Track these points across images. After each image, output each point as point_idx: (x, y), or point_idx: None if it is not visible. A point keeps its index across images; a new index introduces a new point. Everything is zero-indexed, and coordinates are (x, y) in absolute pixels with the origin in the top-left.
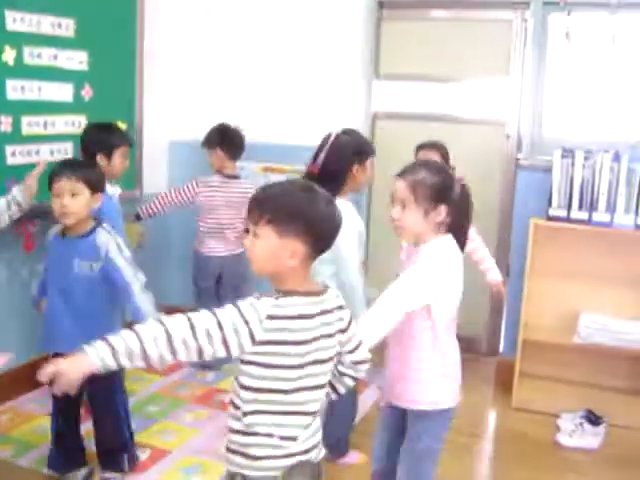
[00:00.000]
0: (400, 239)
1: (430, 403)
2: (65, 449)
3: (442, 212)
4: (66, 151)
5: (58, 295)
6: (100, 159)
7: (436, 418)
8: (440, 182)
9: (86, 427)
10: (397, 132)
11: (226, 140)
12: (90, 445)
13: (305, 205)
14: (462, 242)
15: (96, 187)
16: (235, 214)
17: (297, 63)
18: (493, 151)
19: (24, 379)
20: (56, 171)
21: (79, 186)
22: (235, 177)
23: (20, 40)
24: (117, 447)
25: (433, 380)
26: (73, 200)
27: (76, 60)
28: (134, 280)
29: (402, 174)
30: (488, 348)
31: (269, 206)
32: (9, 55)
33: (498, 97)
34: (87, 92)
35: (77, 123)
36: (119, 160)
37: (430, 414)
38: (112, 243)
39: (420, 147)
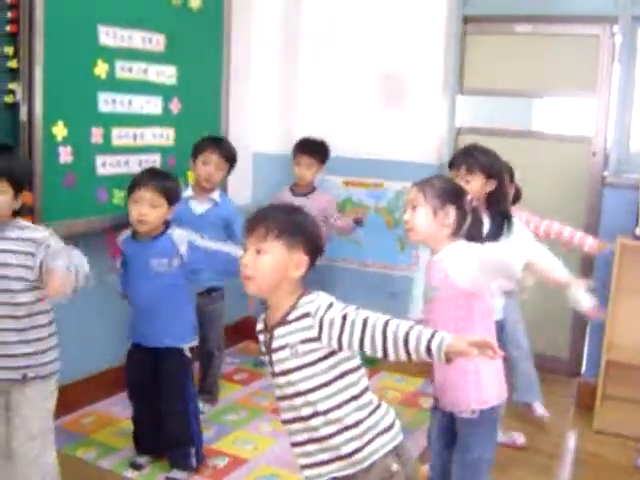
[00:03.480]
0: (410, 242)
1: (483, 402)
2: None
3: (450, 213)
4: (154, 162)
5: (139, 294)
6: (192, 164)
7: (486, 421)
8: (449, 186)
9: None
10: (488, 147)
11: None
12: None
13: (306, 219)
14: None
15: (173, 199)
16: None
17: (381, 77)
18: (578, 168)
19: (107, 383)
20: (140, 180)
21: (159, 199)
22: None
23: (112, 54)
24: (187, 440)
25: (481, 375)
26: (152, 210)
27: (165, 74)
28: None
29: (414, 183)
30: (570, 368)
31: (276, 221)
32: (101, 69)
33: (584, 113)
34: (175, 105)
35: (165, 135)
36: (199, 166)
37: (480, 418)
38: (192, 235)
39: None
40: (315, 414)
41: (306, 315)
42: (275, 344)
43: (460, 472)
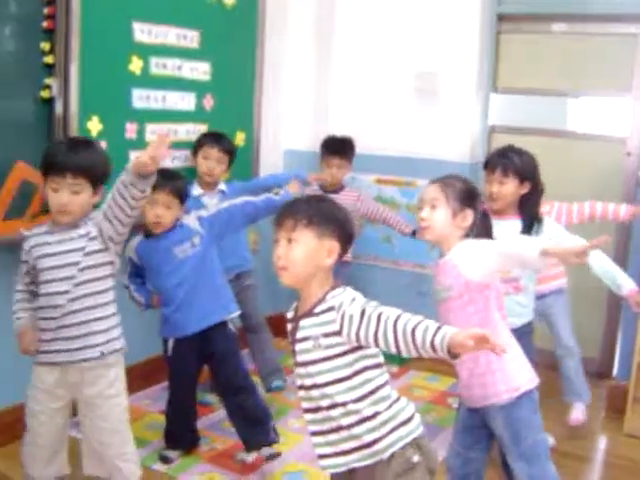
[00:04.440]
0: (425, 241)
1: (514, 389)
2: (176, 441)
3: (469, 217)
4: (187, 158)
5: (175, 288)
6: (194, 161)
7: (524, 403)
8: (468, 188)
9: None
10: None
11: None
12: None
13: (333, 207)
14: None
15: (184, 200)
16: None
17: (415, 75)
18: (613, 168)
19: (139, 377)
20: (156, 182)
21: (174, 200)
22: None
23: (146, 51)
24: (261, 415)
25: (506, 362)
26: (167, 212)
27: (199, 71)
28: (245, 200)
29: (432, 181)
30: (601, 370)
31: (304, 212)
32: (136, 65)
33: (619, 113)
34: (208, 102)
35: (198, 131)
36: (199, 161)
37: (516, 401)
38: (199, 211)
39: None
40: (334, 405)
41: (331, 309)
42: (299, 334)
43: (524, 468)
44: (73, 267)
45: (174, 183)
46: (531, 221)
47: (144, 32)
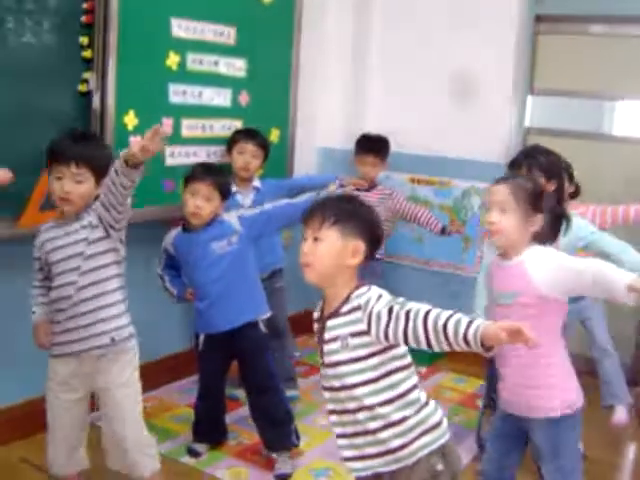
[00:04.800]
0: (496, 245)
1: (566, 407)
2: (204, 435)
3: (538, 222)
4: (222, 153)
5: (211, 283)
6: (228, 157)
7: (569, 421)
8: (537, 189)
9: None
10: (551, 149)
11: None
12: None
13: (361, 207)
14: None
15: (226, 195)
16: None
17: (449, 75)
18: None
19: (169, 369)
20: (197, 173)
21: (214, 193)
22: None
23: (184, 46)
24: (284, 417)
25: (564, 377)
26: (207, 204)
27: (235, 67)
28: (287, 202)
29: (499, 181)
30: (632, 377)
31: (330, 211)
32: (173, 60)
33: None
34: (244, 98)
35: (233, 127)
36: (235, 157)
37: (563, 418)
38: (240, 210)
39: None
40: (361, 408)
41: (357, 308)
42: (327, 335)
43: None
44: (79, 257)
45: (217, 177)
46: (555, 218)
47: (181, 28)
